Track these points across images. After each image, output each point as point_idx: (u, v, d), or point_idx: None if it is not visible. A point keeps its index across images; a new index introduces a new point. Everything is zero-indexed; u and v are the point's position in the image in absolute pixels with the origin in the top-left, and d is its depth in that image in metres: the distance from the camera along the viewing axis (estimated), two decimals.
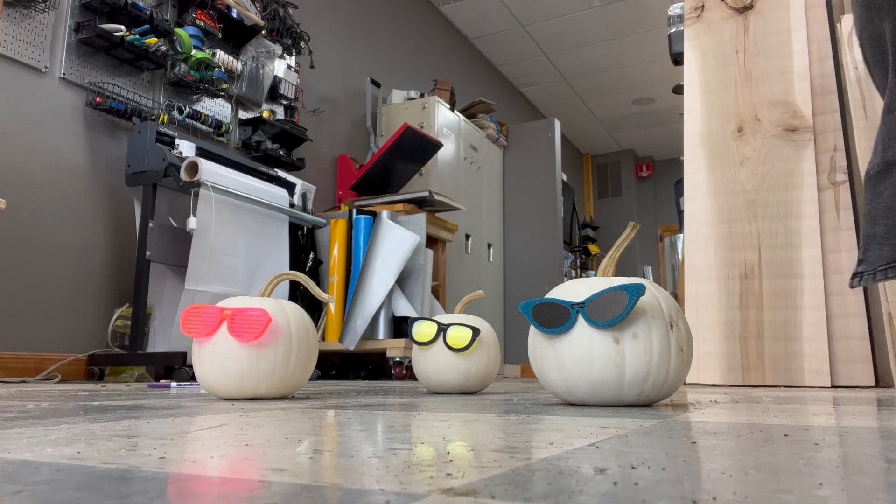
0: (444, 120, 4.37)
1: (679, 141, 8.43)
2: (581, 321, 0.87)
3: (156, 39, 2.75)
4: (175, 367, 2.37)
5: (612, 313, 0.84)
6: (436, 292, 3.54)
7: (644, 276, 7.71)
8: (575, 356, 0.87)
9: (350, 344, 3.00)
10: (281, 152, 3.41)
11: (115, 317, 2.64)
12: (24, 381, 2.24)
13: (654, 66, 6.38)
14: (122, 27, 2.65)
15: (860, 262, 1.00)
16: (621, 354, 0.84)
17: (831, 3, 2.57)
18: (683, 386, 2.26)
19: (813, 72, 2.49)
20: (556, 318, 0.89)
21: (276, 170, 3.12)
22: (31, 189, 2.46)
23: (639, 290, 0.83)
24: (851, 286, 1.03)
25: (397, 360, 3.03)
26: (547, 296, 0.95)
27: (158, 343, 2.58)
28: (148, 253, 2.48)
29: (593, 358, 0.85)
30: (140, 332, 2.46)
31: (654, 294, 0.89)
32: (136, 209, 2.70)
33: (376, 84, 4.31)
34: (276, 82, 3.51)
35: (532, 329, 0.97)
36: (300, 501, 0.28)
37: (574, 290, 0.92)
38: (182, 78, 2.91)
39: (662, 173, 8.90)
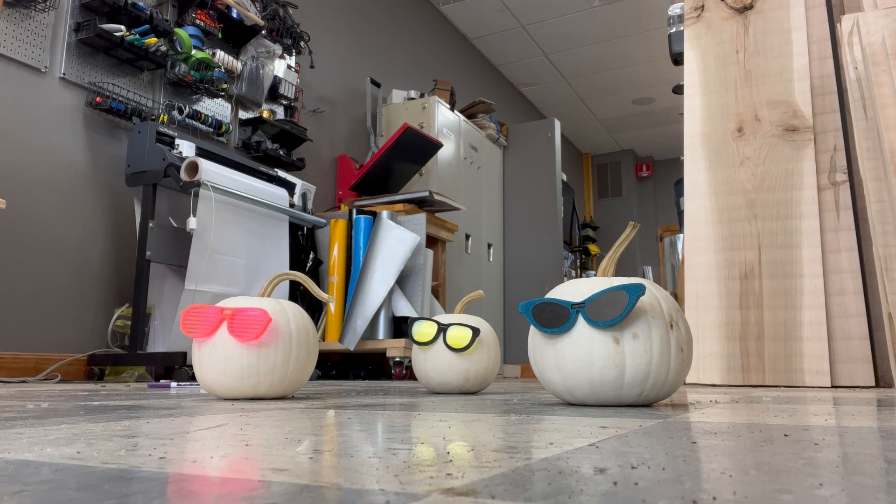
0: (444, 120, 4.37)
1: (679, 141, 8.43)
2: (581, 321, 0.87)
3: (156, 39, 2.75)
4: (175, 367, 2.37)
5: (612, 313, 0.84)
6: (436, 292, 3.54)
7: (644, 276, 7.71)
8: (575, 356, 0.86)
9: (350, 344, 3.00)
10: (281, 152, 3.41)
11: (115, 317, 2.64)
12: (24, 381, 2.24)
13: (654, 66, 6.39)
14: (122, 27, 2.65)
15: None
16: (621, 354, 0.84)
17: (831, 3, 2.57)
18: (683, 386, 2.26)
19: (813, 72, 2.49)
20: (557, 318, 0.88)
21: (276, 170, 3.12)
22: (31, 189, 2.46)
23: (639, 290, 0.83)
24: None
25: (397, 360, 3.03)
26: (547, 296, 0.94)
27: (158, 343, 2.58)
28: (148, 253, 2.48)
29: (593, 358, 0.85)
30: (140, 332, 2.46)
31: (654, 294, 0.89)
32: (136, 209, 2.70)
33: (376, 84, 4.31)
34: (276, 82, 3.51)
35: (532, 329, 0.97)
36: (300, 501, 0.28)
37: (574, 289, 0.91)
38: (182, 78, 2.91)
39: (662, 173, 8.90)
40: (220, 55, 3.11)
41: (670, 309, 0.89)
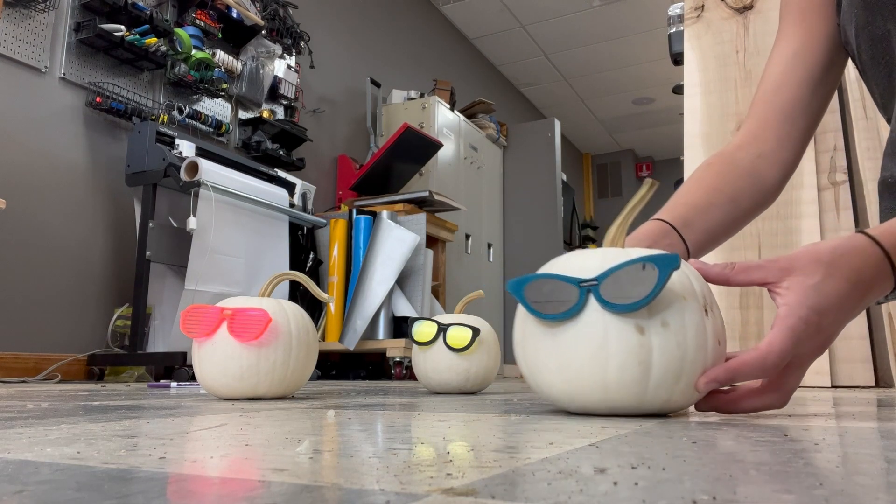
0: (444, 120, 4.37)
1: (679, 141, 8.42)
2: (593, 304, 0.67)
3: (156, 39, 2.75)
4: (175, 367, 2.37)
5: (636, 293, 0.64)
6: (436, 292, 3.54)
7: None
8: (583, 351, 0.67)
9: (350, 344, 3.00)
10: (281, 152, 3.41)
11: (115, 317, 2.64)
12: (24, 381, 2.24)
13: (654, 66, 6.38)
14: (122, 27, 2.65)
15: None
16: (647, 348, 0.65)
17: None
18: None
19: None
20: (560, 301, 0.69)
21: (276, 170, 3.12)
22: (31, 189, 2.46)
23: (672, 263, 0.64)
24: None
25: (397, 360, 3.03)
26: (545, 270, 0.74)
27: (158, 343, 2.58)
28: (148, 253, 2.48)
29: (609, 353, 0.65)
30: (140, 332, 2.46)
31: (684, 271, 0.70)
32: (136, 209, 2.70)
33: (376, 84, 4.31)
34: (276, 82, 3.51)
35: (521, 315, 0.75)
36: (300, 501, 0.28)
37: (582, 262, 0.72)
38: (182, 78, 2.91)
39: (662, 173, 8.89)
40: (220, 55, 3.11)
41: (703, 290, 0.70)
